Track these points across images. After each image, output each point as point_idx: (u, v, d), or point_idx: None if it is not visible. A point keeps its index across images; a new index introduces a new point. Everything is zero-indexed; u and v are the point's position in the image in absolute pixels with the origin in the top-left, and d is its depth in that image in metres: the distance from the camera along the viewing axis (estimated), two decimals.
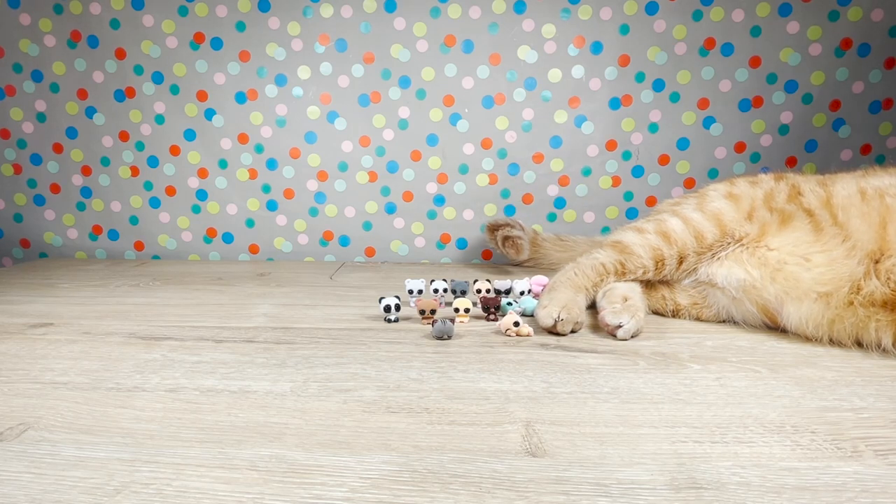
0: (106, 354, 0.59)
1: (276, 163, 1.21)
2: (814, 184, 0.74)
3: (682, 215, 0.77)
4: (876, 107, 1.13)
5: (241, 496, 0.34)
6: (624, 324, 0.64)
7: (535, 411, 0.46)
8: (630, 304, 0.68)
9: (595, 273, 0.76)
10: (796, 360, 0.58)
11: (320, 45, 1.16)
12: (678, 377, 0.53)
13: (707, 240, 0.74)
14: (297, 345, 0.63)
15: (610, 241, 0.80)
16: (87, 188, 1.23)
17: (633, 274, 0.76)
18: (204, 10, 1.14)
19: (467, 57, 1.16)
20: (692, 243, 0.74)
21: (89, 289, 0.92)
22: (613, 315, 0.65)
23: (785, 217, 0.71)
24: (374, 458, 0.38)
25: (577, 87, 1.16)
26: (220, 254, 1.25)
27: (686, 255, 0.74)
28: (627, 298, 0.69)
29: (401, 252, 1.24)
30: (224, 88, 1.18)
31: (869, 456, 0.38)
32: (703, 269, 0.74)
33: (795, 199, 0.73)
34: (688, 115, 1.16)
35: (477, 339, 0.65)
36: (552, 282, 0.77)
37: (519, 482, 0.35)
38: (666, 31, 1.13)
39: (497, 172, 1.20)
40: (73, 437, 0.41)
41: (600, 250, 0.79)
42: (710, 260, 0.74)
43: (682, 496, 0.34)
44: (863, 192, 0.67)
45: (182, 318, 0.74)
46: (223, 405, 0.47)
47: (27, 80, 1.18)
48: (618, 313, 0.65)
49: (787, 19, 1.11)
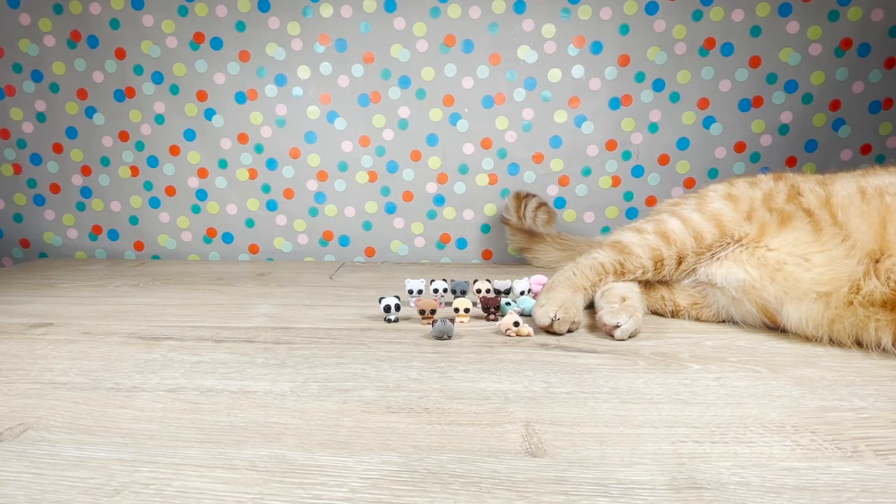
0: (105, 354, 0.59)
1: (275, 163, 1.21)
2: (813, 183, 0.74)
3: (681, 216, 0.77)
4: (876, 107, 1.13)
5: (241, 496, 0.34)
6: (622, 324, 0.64)
7: (534, 411, 0.45)
8: (628, 305, 0.67)
9: (594, 273, 0.76)
10: (796, 360, 0.58)
11: (320, 44, 1.16)
12: (678, 377, 0.53)
13: (706, 240, 0.74)
14: (297, 345, 0.63)
15: (609, 241, 0.80)
16: (86, 188, 1.23)
17: (633, 274, 0.76)
18: (204, 10, 1.14)
19: (467, 57, 1.16)
20: (691, 244, 0.74)
21: (89, 289, 0.92)
22: (611, 315, 0.65)
23: (784, 217, 0.71)
24: (373, 458, 0.38)
25: (577, 86, 1.16)
26: (219, 254, 1.25)
27: (685, 256, 0.74)
28: (626, 298, 0.69)
29: (401, 252, 1.24)
30: (224, 88, 1.18)
31: (869, 456, 0.38)
32: (702, 270, 0.74)
33: (795, 199, 0.73)
34: (688, 115, 1.16)
35: (477, 339, 0.65)
36: (551, 281, 0.77)
37: (519, 482, 0.35)
38: (666, 31, 1.13)
39: (497, 172, 1.20)
40: (73, 438, 0.41)
41: (599, 250, 0.79)
42: (709, 260, 0.74)
43: (682, 496, 0.34)
44: (863, 192, 0.67)
45: (182, 318, 0.74)
46: (223, 405, 0.47)
47: (27, 80, 1.18)
48: (615, 313, 0.65)
49: (787, 19, 1.11)
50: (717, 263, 0.73)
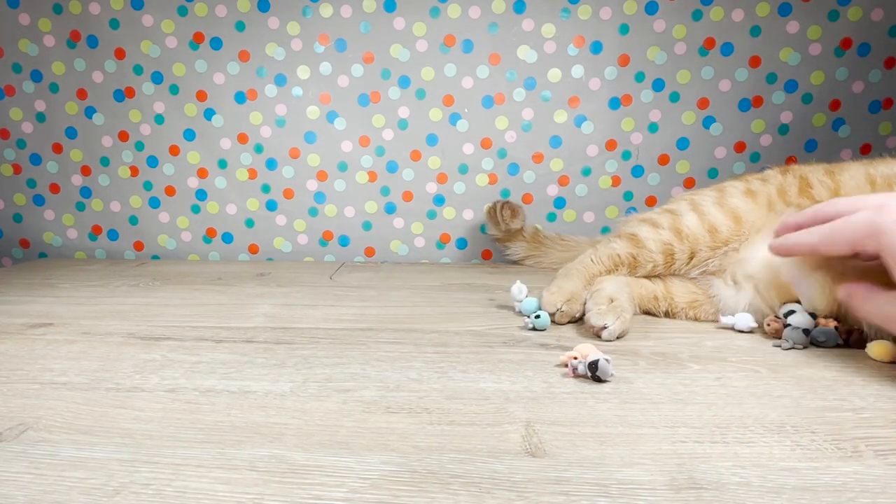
0: (105, 354, 0.59)
1: (275, 163, 1.21)
2: (821, 174, 0.75)
3: (698, 210, 0.78)
4: (876, 106, 1.13)
5: (241, 497, 0.34)
6: (609, 325, 0.64)
7: (534, 411, 0.45)
8: (615, 306, 0.67)
9: (611, 261, 0.78)
10: (796, 360, 0.58)
11: (320, 44, 1.16)
12: (678, 377, 0.53)
13: (722, 234, 0.75)
14: (297, 345, 0.63)
15: (627, 233, 0.81)
16: (86, 188, 1.23)
17: (644, 269, 0.77)
18: (203, 10, 1.14)
19: (467, 57, 1.16)
20: (705, 238, 0.75)
21: (89, 289, 0.92)
22: (598, 316, 0.65)
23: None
24: (373, 458, 0.38)
25: (577, 86, 1.16)
26: (219, 254, 1.25)
27: (698, 251, 0.75)
28: (613, 300, 0.69)
29: (400, 252, 1.24)
30: (224, 88, 1.18)
31: (869, 456, 0.38)
32: (715, 262, 0.75)
33: (806, 192, 0.74)
34: (687, 115, 1.16)
35: (477, 339, 0.65)
36: (567, 267, 0.79)
37: (518, 482, 0.35)
38: (666, 31, 1.13)
39: (497, 172, 1.20)
40: (73, 438, 0.41)
41: (618, 240, 0.80)
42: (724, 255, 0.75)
43: (682, 496, 0.34)
44: (871, 181, 0.68)
45: (181, 318, 0.74)
46: (222, 405, 0.47)
47: (26, 80, 1.18)
48: (602, 314, 0.65)
49: (787, 19, 1.11)
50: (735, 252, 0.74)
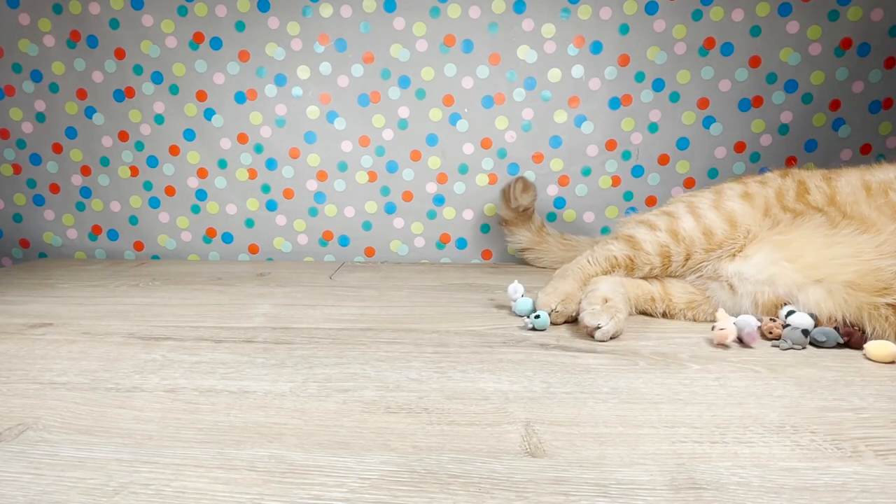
0: (105, 355, 0.59)
1: (275, 163, 1.21)
2: (819, 179, 0.75)
3: (695, 213, 0.78)
4: (876, 107, 1.13)
5: (240, 497, 0.34)
6: (602, 325, 0.64)
7: (534, 411, 0.45)
8: (610, 306, 0.67)
9: (608, 263, 0.78)
10: (796, 360, 0.58)
11: (320, 44, 1.16)
12: (678, 377, 0.53)
13: (717, 237, 0.75)
14: (297, 345, 0.63)
15: (624, 234, 0.81)
16: (86, 188, 1.22)
17: (641, 271, 0.77)
18: (203, 10, 1.14)
19: (467, 57, 1.15)
20: (700, 240, 0.75)
21: (89, 289, 0.92)
22: (592, 316, 0.65)
23: (797, 215, 0.73)
24: (373, 458, 0.38)
25: (577, 86, 1.16)
26: (219, 254, 1.25)
27: (693, 253, 0.75)
28: (608, 300, 0.69)
29: (400, 252, 1.24)
30: (223, 88, 1.17)
31: (869, 456, 0.38)
32: (710, 266, 0.75)
33: (803, 198, 0.74)
34: (687, 115, 1.16)
35: (476, 339, 0.65)
36: (564, 268, 0.80)
37: (518, 482, 0.35)
38: (666, 31, 1.13)
39: (497, 172, 1.20)
40: (72, 438, 0.41)
41: (615, 242, 0.80)
42: (718, 259, 0.74)
43: (682, 496, 0.34)
44: (867, 187, 0.68)
45: (181, 319, 0.74)
46: (222, 405, 0.47)
47: (26, 80, 1.18)
48: (596, 314, 0.65)
49: (787, 19, 1.11)
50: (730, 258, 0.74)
